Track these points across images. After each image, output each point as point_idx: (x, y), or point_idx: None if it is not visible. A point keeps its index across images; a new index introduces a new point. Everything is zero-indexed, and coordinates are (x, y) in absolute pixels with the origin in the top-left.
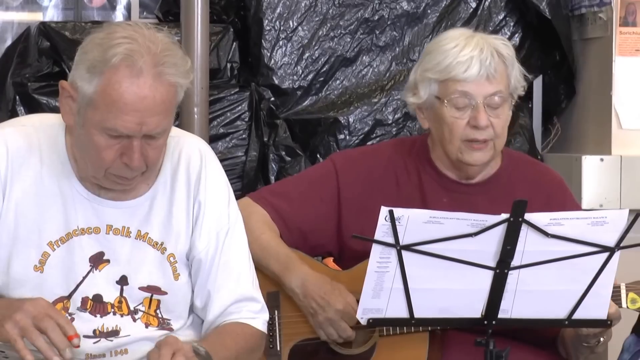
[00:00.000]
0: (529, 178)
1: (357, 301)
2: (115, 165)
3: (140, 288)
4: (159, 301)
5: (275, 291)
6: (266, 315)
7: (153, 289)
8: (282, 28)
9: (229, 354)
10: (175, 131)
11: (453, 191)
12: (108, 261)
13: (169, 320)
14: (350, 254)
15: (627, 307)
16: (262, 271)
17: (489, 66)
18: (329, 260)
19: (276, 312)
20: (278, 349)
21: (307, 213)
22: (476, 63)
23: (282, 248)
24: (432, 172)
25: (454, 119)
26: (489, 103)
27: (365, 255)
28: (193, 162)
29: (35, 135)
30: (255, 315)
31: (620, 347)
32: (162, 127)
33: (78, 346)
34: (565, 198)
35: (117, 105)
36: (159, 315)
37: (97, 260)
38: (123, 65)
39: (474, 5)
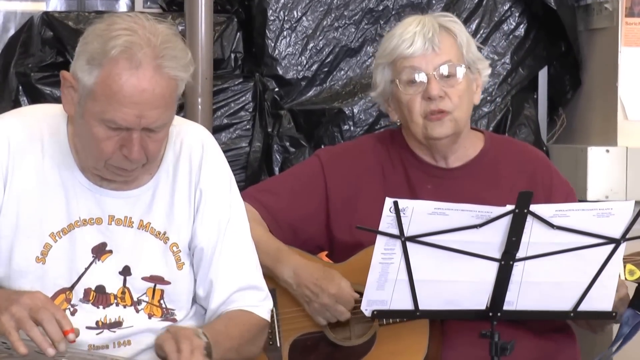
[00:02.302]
0: (513, 158)
1: (354, 290)
2: (115, 157)
3: (144, 278)
4: (162, 291)
5: (271, 289)
6: (270, 304)
7: (156, 279)
8: (286, 18)
9: (232, 344)
10: (176, 119)
11: (436, 177)
12: (110, 252)
13: (173, 310)
14: (341, 246)
15: (626, 278)
16: None
17: (433, 38)
18: (322, 255)
19: (274, 309)
20: (278, 345)
21: (296, 208)
22: (419, 37)
23: (272, 242)
24: (414, 161)
25: (409, 97)
26: (440, 74)
27: (356, 247)
28: (194, 151)
29: (36, 125)
30: (260, 303)
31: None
32: (162, 121)
33: (73, 341)
34: (551, 173)
35: (116, 97)
36: (163, 306)
37: (100, 251)
38: (122, 57)
39: None
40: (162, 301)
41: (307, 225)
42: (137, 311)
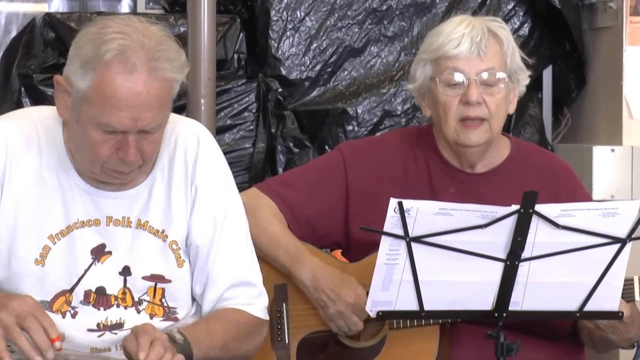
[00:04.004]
0: (538, 167)
1: (367, 293)
2: (111, 160)
3: (144, 277)
4: (163, 290)
5: (283, 284)
6: (265, 301)
7: (157, 278)
8: (289, 18)
9: (214, 342)
10: (171, 116)
11: (460, 181)
12: (110, 253)
13: (175, 308)
14: (357, 244)
15: None
16: (271, 263)
17: (480, 42)
18: (337, 253)
19: (284, 304)
20: (286, 342)
21: (315, 203)
22: (467, 40)
23: (291, 240)
24: (439, 162)
25: (447, 98)
26: (482, 80)
27: (373, 245)
28: (190, 147)
29: (33, 128)
30: (253, 301)
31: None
32: (157, 122)
33: (60, 349)
34: (575, 187)
35: (111, 101)
36: (165, 304)
37: (99, 253)
38: (116, 61)
39: None
40: (163, 300)
41: (326, 220)
42: (139, 312)
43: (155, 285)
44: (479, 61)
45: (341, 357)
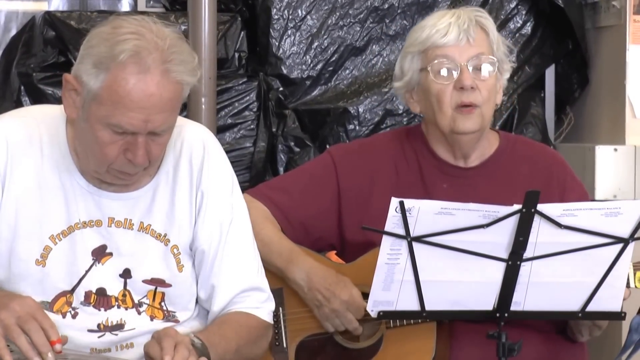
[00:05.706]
0: (528, 158)
1: (362, 293)
2: (118, 161)
3: (144, 281)
4: (163, 294)
5: (278, 288)
6: (272, 305)
7: (157, 282)
8: (290, 17)
9: (229, 346)
10: (177, 120)
11: (452, 176)
12: (111, 254)
13: (174, 312)
14: (351, 245)
15: (635, 286)
16: (265, 267)
17: (468, 29)
18: (332, 254)
19: (280, 309)
20: (284, 345)
21: (308, 206)
22: (454, 28)
23: (284, 242)
24: (431, 157)
25: (440, 86)
26: (473, 65)
27: (368, 246)
28: (196, 152)
29: (36, 126)
30: (261, 304)
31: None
32: (168, 125)
33: (60, 352)
34: (566, 175)
35: (123, 102)
36: (164, 308)
37: (100, 254)
38: (130, 62)
39: None
40: (162, 304)
41: (319, 223)
42: (139, 313)
43: (156, 289)
44: (468, 47)
45: (339, 358)
